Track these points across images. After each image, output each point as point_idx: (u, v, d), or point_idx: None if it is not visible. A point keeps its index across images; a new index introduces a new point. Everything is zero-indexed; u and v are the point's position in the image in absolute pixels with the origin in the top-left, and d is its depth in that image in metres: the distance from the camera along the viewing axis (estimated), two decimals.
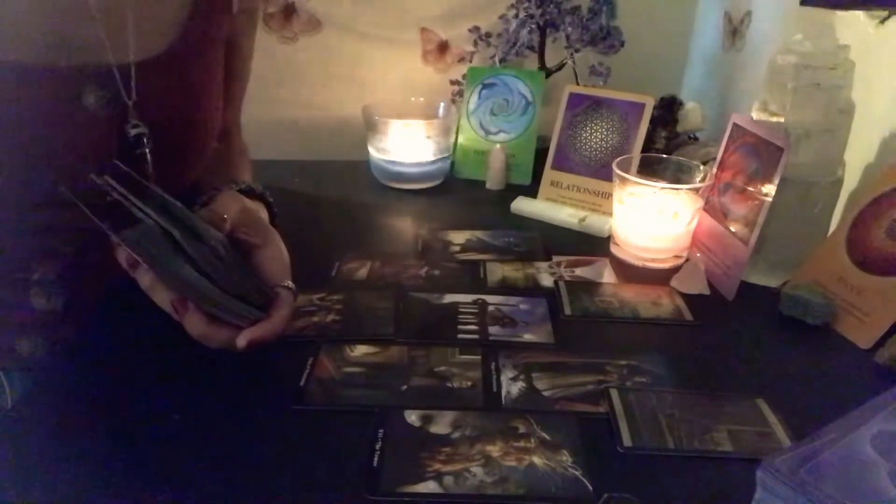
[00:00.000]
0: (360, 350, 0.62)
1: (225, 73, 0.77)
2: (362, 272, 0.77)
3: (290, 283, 0.58)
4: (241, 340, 0.53)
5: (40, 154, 0.60)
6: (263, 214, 0.69)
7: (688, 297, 0.74)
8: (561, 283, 0.75)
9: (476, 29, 1.13)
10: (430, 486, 0.47)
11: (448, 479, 0.47)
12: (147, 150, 0.63)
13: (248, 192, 0.68)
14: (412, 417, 0.54)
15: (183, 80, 0.68)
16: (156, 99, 0.65)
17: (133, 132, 0.63)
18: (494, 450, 0.50)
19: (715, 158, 0.81)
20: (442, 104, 1.09)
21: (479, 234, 0.88)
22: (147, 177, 0.63)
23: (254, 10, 0.82)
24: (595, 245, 0.87)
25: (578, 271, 0.79)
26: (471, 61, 1.18)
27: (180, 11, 0.67)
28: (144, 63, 0.64)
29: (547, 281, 0.76)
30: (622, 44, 1.10)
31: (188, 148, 0.71)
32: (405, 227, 0.93)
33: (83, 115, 0.61)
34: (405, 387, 0.58)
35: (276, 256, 0.60)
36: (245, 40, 0.81)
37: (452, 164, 1.08)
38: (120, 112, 0.63)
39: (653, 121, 0.96)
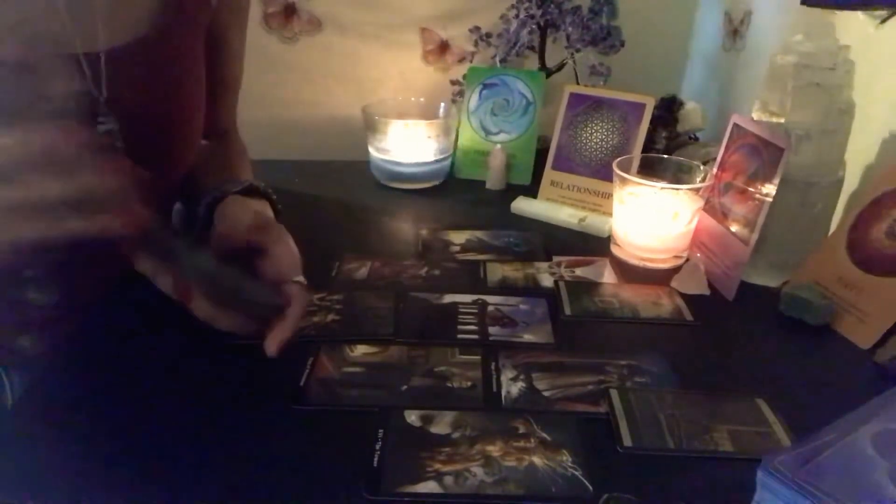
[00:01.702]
0: (360, 350, 0.62)
1: (214, 71, 0.76)
2: (362, 272, 0.77)
3: (301, 279, 0.59)
4: (272, 348, 0.54)
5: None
6: (268, 212, 0.69)
7: (688, 297, 0.74)
8: (561, 283, 0.75)
9: (476, 29, 1.13)
10: (430, 486, 0.47)
11: (448, 479, 0.47)
12: (118, 146, 0.62)
13: (252, 191, 0.68)
14: (412, 417, 0.54)
15: (156, 73, 0.67)
16: (128, 92, 0.63)
17: (102, 128, 0.62)
18: (494, 450, 0.50)
19: (715, 158, 0.81)
20: (442, 104, 1.09)
21: (479, 234, 0.88)
22: None
23: (238, 4, 0.81)
24: (595, 245, 0.87)
25: (578, 271, 0.79)
26: (471, 61, 1.18)
27: (149, 2, 0.66)
28: (114, 54, 0.62)
29: (547, 281, 0.76)
30: (622, 44, 1.10)
31: (167, 145, 0.71)
32: (405, 227, 0.93)
33: (50, 108, 0.60)
34: (405, 387, 0.58)
35: (286, 253, 0.60)
36: (232, 36, 0.80)
37: (452, 164, 1.08)
38: (90, 106, 0.62)
39: (653, 121, 0.96)
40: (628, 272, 0.80)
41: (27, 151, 0.43)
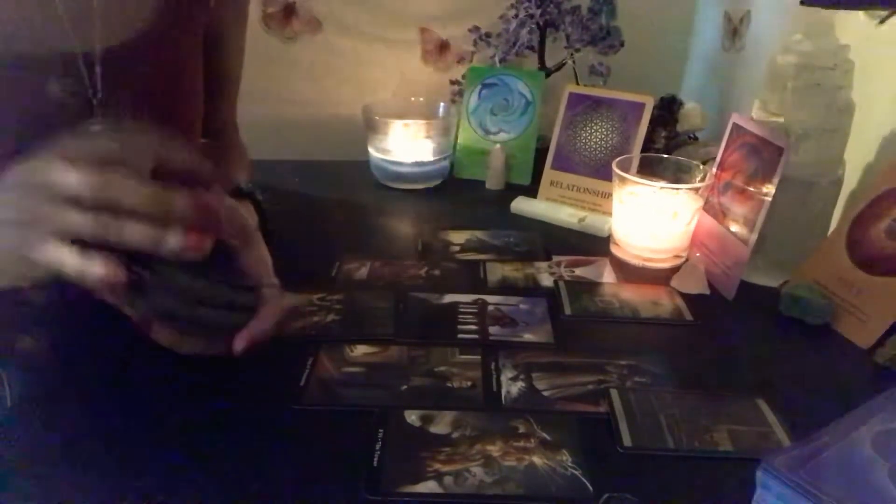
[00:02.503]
0: (360, 350, 0.62)
1: (213, 69, 0.76)
2: (362, 272, 0.77)
3: (272, 281, 0.58)
4: (239, 345, 0.52)
5: (7, 145, 0.60)
6: (250, 214, 0.68)
7: (688, 297, 0.74)
8: (561, 283, 0.75)
9: (476, 29, 1.13)
10: (430, 486, 0.47)
11: (448, 480, 0.47)
12: None
13: (235, 192, 0.68)
14: (412, 417, 0.54)
15: (154, 73, 0.67)
16: (125, 93, 0.63)
17: (93, 129, 0.62)
18: (494, 449, 0.50)
19: (715, 158, 0.81)
20: (442, 104, 1.09)
21: (479, 234, 0.88)
22: None
23: (238, 2, 0.80)
24: (595, 245, 0.87)
25: (578, 271, 0.79)
26: (471, 61, 1.18)
27: (147, 3, 0.66)
28: (111, 54, 0.62)
29: (547, 281, 0.76)
30: (622, 44, 1.10)
31: None
32: (405, 227, 0.93)
33: (48, 106, 0.60)
34: (405, 387, 0.58)
35: (256, 259, 0.59)
36: (231, 35, 0.80)
37: (452, 164, 1.08)
38: (87, 105, 0.61)
39: (653, 121, 0.96)
40: (628, 272, 0.80)
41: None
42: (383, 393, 0.57)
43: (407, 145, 1.01)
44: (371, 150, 1.04)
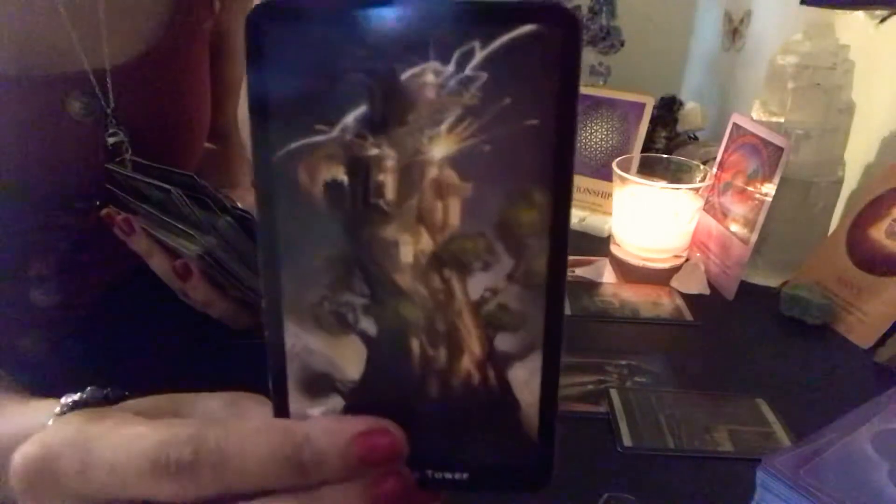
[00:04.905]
0: None
1: (216, 73, 0.76)
2: None
3: None
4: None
5: (28, 161, 0.60)
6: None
7: (688, 297, 0.74)
8: None
9: None
10: None
11: None
12: (127, 158, 0.63)
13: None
14: None
15: (164, 83, 0.67)
16: (136, 103, 0.64)
17: (111, 140, 0.62)
18: None
19: (715, 158, 0.81)
20: None
21: None
22: None
23: (241, 6, 0.81)
24: (595, 245, 0.87)
25: (578, 271, 0.79)
26: None
27: (155, 12, 0.66)
28: (121, 68, 0.63)
29: None
30: (622, 43, 1.10)
31: (175, 152, 0.71)
32: None
33: (68, 123, 0.60)
34: None
35: None
36: (234, 39, 0.81)
37: None
38: (102, 119, 0.62)
39: (653, 121, 0.96)
40: (628, 272, 0.80)
41: None
42: None
43: None
44: None
